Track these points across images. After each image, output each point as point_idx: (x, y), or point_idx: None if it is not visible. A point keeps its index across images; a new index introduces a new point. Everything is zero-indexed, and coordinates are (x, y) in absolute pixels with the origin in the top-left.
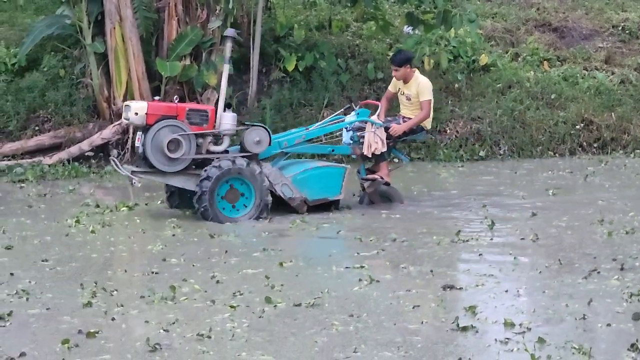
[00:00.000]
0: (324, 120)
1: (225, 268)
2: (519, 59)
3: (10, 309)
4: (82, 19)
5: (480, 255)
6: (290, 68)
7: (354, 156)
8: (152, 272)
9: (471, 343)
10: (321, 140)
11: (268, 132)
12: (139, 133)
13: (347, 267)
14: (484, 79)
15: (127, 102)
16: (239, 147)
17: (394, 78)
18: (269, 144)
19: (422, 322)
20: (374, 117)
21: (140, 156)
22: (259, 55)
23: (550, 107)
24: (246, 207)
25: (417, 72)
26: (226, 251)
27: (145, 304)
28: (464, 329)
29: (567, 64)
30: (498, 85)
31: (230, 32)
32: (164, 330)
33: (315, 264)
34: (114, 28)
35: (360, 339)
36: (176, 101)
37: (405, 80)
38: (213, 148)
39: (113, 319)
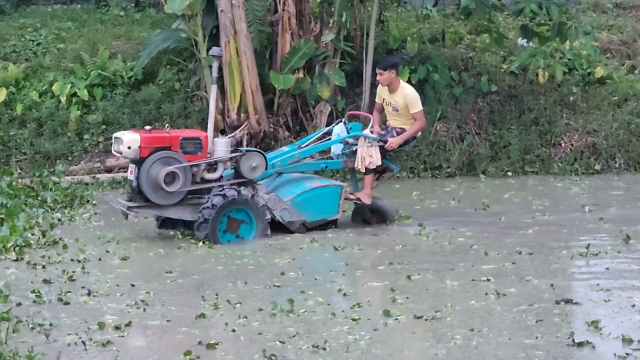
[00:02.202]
0: (315, 136)
1: (349, 281)
2: (635, 71)
3: (131, 319)
4: (197, 33)
5: (607, 269)
6: (404, 80)
7: (346, 169)
8: (275, 285)
9: (591, 358)
10: (312, 157)
11: (264, 156)
12: (132, 166)
13: (472, 280)
14: (599, 92)
15: (117, 134)
16: (234, 172)
17: (379, 88)
18: (266, 169)
19: (537, 337)
20: (367, 131)
21: (135, 190)
22: (371, 68)
23: None
24: (243, 238)
25: (402, 82)
26: (347, 264)
27: (268, 316)
28: (580, 344)
29: None
30: (614, 98)
31: (215, 51)
32: (280, 342)
33: (442, 277)
34: (229, 41)
35: (480, 354)
36: (167, 129)
37: (391, 89)
38: (208, 176)
39: (233, 330)
